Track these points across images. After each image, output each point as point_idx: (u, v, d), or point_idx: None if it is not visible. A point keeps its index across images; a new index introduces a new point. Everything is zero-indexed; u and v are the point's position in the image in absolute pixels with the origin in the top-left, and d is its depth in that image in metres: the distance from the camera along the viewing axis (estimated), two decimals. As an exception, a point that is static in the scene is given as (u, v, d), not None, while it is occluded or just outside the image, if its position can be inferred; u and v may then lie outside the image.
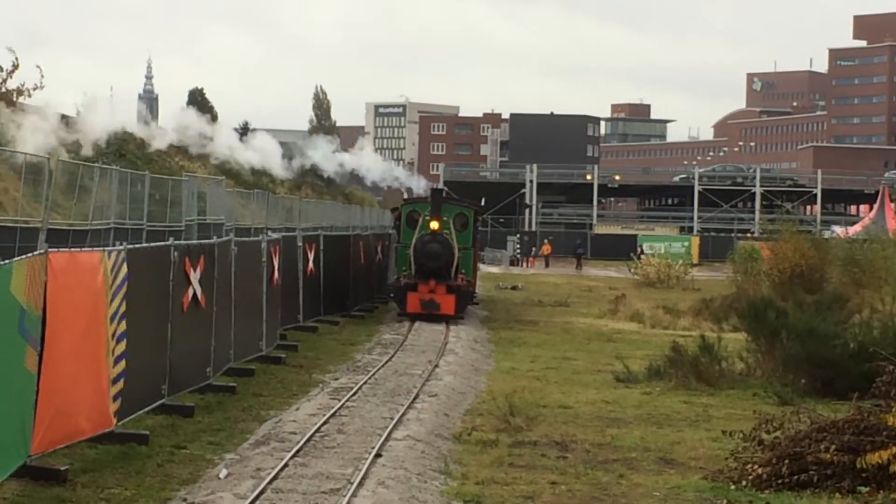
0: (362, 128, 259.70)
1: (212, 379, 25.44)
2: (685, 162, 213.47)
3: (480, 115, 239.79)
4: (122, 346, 19.42)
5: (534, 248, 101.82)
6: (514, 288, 66.87)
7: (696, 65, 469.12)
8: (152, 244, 24.98)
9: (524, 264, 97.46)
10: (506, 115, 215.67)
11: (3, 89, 50.48)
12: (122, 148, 59.78)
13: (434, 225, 43.05)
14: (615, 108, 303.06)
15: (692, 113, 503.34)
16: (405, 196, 65.18)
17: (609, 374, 31.34)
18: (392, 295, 46.71)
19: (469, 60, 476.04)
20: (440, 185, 78.73)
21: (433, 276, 42.55)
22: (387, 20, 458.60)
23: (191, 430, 21.39)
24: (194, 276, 23.84)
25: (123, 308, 19.37)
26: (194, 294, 23.88)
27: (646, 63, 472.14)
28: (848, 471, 17.92)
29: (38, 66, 67.74)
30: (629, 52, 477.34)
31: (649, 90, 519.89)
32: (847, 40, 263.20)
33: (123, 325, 19.41)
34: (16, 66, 50.57)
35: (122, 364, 19.47)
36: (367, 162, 70.28)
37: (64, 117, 46.10)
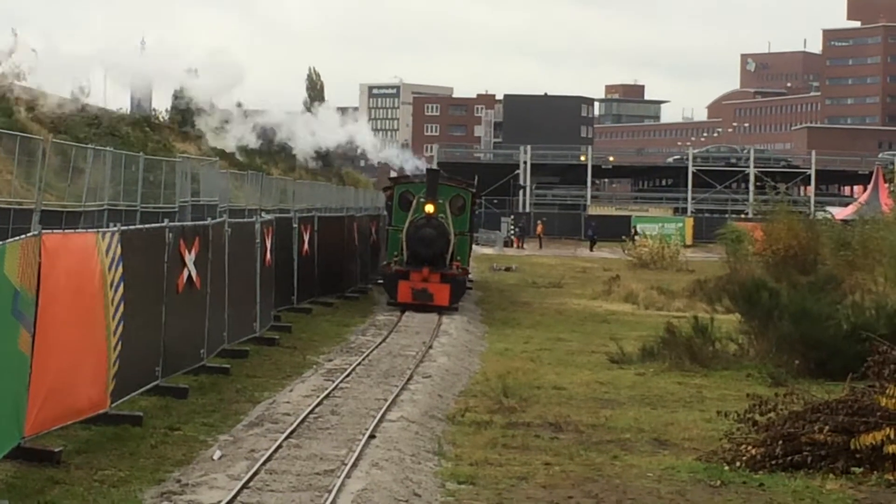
0: (356, 109, 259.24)
1: (206, 360, 25.44)
2: (679, 143, 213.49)
3: (474, 96, 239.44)
4: (116, 328, 19.41)
5: (525, 237, 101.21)
6: (507, 269, 66.97)
7: (689, 46, 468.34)
8: (147, 226, 24.96)
9: (518, 245, 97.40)
10: (500, 97, 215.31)
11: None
12: (116, 129, 59.71)
13: (429, 208, 40.63)
14: (609, 88, 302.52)
15: (686, 94, 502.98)
16: (392, 174, 64.72)
17: (603, 355, 31.38)
18: (382, 282, 44.77)
19: (455, 43, 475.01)
20: (434, 166, 77.89)
21: (427, 263, 40.15)
22: (370, 5, 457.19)
23: (185, 412, 21.40)
24: (189, 258, 23.82)
25: (118, 290, 19.36)
26: (189, 275, 23.86)
27: (638, 45, 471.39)
28: (842, 452, 17.97)
29: (33, 50, 67.58)
30: (623, 35, 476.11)
31: (642, 72, 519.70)
32: (841, 21, 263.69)
33: (118, 307, 19.40)
34: (13, 49, 50.55)
35: (117, 345, 19.47)
36: (367, 138, 70.05)
37: None
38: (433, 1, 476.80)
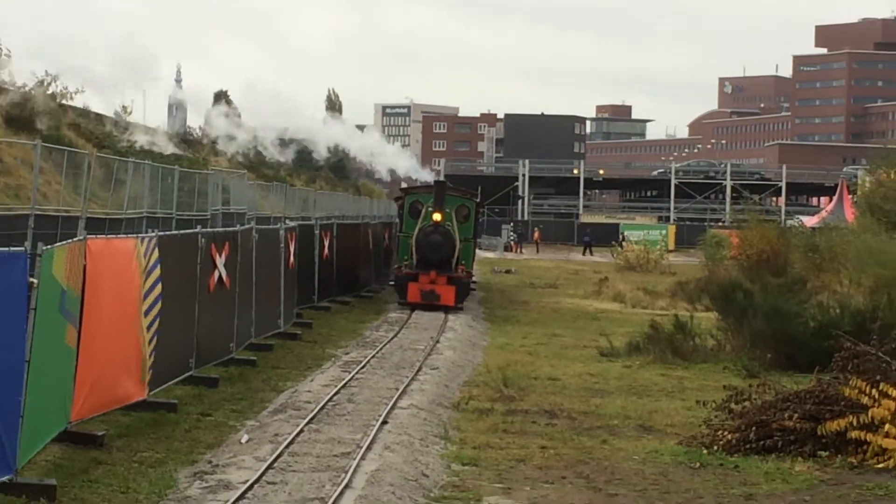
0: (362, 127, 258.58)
1: (234, 353, 25.46)
2: (663, 158, 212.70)
3: (478, 115, 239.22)
4: (153, 324, 19.43)
5: (522, 243, 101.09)
6: (507, 272, 66.88)
7: (671, 70, 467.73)
8: (182, 231, 25.00)
9: (517, 250, 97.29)
10: (501, 115, 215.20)
11: (48, 92, 50.56)
12: (155, 144, 59.72)
13: (437, 216, 40.27)
14: (599, 108, 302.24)
15: (669, 114, 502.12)
16: (403, 185, 64.53)
17: (593, 349, 31.36)
18: (393, 283, 44.43)
19: (457, 65, 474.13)
20: (441, 179, 77.73)
21: (434, 266, 39.87)
22: (377, 34, 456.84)
23: (215, 400, 21.41)
24: (220, 261, 23.84)
25: (155, 289, 19.37)
26: (219, 276, 23.88)
27: (624, 69, 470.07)
28: (809, 437, 17.97)
29: (79, 71, 67.61)
30: (608, 59, 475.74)
31: (629, 93, 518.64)
32: (809, 48, 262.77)
33: (155, 305, 19.41)
34: (57, 75, 50.63)
35: (154, 339, 19.49)
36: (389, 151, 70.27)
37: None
38: (433, 26, 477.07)
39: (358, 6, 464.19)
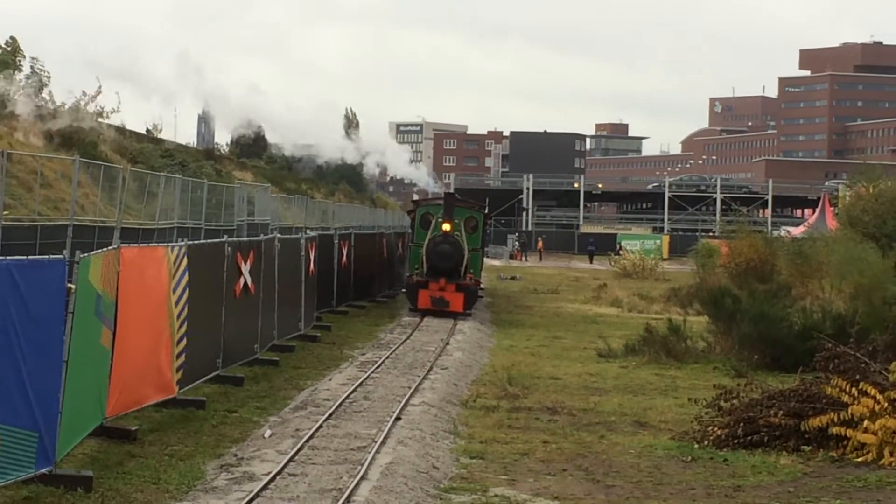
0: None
1: (259, 354, 25.46)
2: (657, 172, 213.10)
3: (485, 132, 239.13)
4: (183, 327, 19.44)
5: (526, 252, 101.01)
6: (512, 278, 66.83)
7: (665, 91, 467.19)
8: (209, 241, 24.99)
9: (520, 259, 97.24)
10: (506, 133, 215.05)
11: (89, 111, 50.73)
12: (185, 161, 59.95)
13: (446, 227, 39.56)
14: (598, 126, 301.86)
15: (663, 131, 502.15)
16: (414, 197, 64.49)
17: (592, 350, 31.32)
18: (405, 291, 43.51)
19: (462, 84, 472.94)
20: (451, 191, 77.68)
21: (444, 275, 39.10)
22: (389, 57, 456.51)
23: (241, 397, 21.41)
24: (245, 268, 23.85)
25: (185, 294, 19.38)
26: (245, 283, 23.89)
27: (622, 89, 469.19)
28: (793, 433, 17.96)
29: (116, 93, 67.94)
30: (608, 81, 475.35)
31: (626, 112, 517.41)
32: (794, 70, 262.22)
33: (184, 309, 19.42)
34: (99, 92, 50.81)
35: (183, 341, 19.50)
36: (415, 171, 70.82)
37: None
38: (437, 50, 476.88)
39: (371, 32, 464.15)
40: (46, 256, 14.15)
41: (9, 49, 51.09)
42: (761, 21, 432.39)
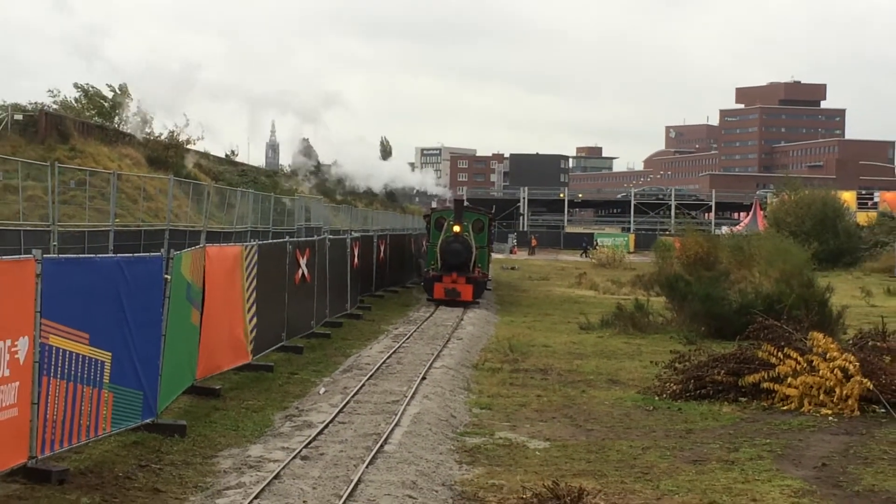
0: (413, 164, 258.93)
1: (314, 328, 25.47)
2: (625, 185, 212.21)
3: (490, 154, 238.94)
4: (254, 307, 19.46)
5: (516, 247, 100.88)
6: (512, 268, 66.76)
7: (631, 120, 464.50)
8: (275, 241, 25.03)
9: (516, 253, 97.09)
10: (507, 154, 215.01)
11: (179, 139, 50.84)
12: (256, 178, 60.02)
13: (456, 228, 38.28)
14: (578, 149, 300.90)
15: (629, 152, 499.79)
16: (433, 205, 64.35)
17: (575, 324, 31.27)
18: (423, 284, 41.93)
19: (465, 116, 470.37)
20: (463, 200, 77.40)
21: (455, 269, 37.64)
22: (399, 96, 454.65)
23: (301, 363, 21.42)
24: (303, 262, 23.88)
25: (255, 283, 19.41)
26: (303, 273, 23.91)
27: (596, 121, 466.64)
28: (733, 387, 17.93)
29: (200, 123, 67.97)
30: (583, 113, 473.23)
31: (601, 138, 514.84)
32: (731, 104, 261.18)
33: (255, 294, 19.45)
34: (187, 123, 50.91)
35: (255, 319, 19.52)
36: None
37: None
38: (440, 89, 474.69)
39: (386, 78, 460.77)
40: (149, 254, 14.19)
41: (121, 93, 51.22)
42: (703, 64, 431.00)
